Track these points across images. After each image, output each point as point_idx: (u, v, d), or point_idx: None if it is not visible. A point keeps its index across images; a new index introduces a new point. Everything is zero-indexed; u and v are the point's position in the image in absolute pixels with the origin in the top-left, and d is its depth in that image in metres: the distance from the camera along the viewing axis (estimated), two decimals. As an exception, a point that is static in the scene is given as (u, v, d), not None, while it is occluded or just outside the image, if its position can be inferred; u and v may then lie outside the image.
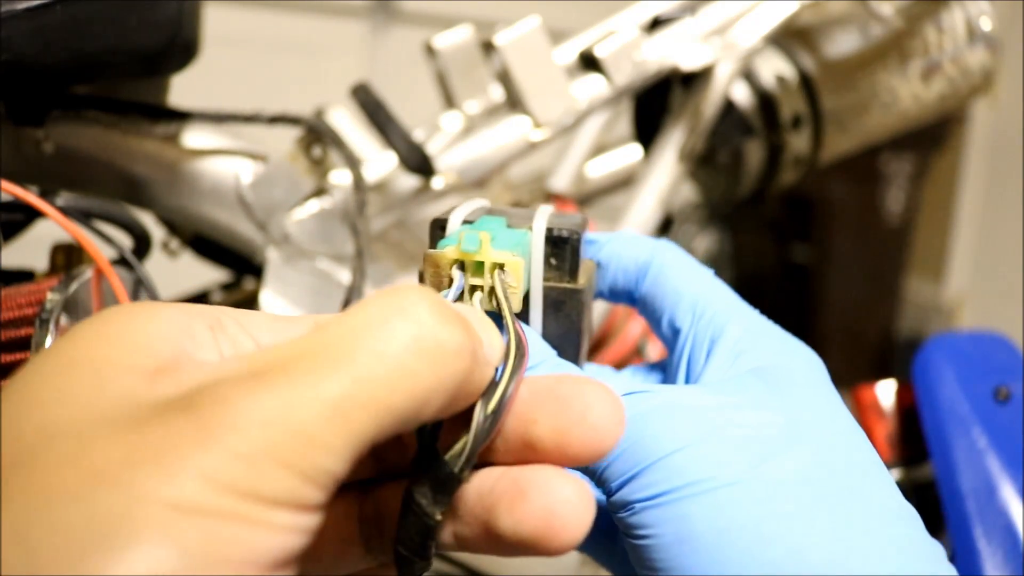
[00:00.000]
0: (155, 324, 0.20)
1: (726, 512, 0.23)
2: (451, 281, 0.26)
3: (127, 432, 0.17)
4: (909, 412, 0.60)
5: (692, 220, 1.25)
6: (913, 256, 1.45)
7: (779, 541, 0.23)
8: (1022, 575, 0.48)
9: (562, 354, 0.28)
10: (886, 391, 0.61)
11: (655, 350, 0.63)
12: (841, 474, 0.25)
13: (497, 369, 0.23)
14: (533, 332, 0.28)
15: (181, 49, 0.49)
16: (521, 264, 0.26)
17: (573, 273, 0.29)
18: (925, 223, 1.49)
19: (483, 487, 0.22)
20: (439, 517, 0.22)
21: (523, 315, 0.29)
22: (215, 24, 0.58)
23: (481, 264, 0.26)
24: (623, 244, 0.33)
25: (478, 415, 0.22)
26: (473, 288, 0.26)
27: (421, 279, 0.27)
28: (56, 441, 0.17)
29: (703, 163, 0.71)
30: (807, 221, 1.31)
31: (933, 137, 1.30)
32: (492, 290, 0.26)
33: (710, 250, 1.33)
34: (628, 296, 0.33)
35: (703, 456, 0.24)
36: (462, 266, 0.26)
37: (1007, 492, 0.50)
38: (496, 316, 0.25)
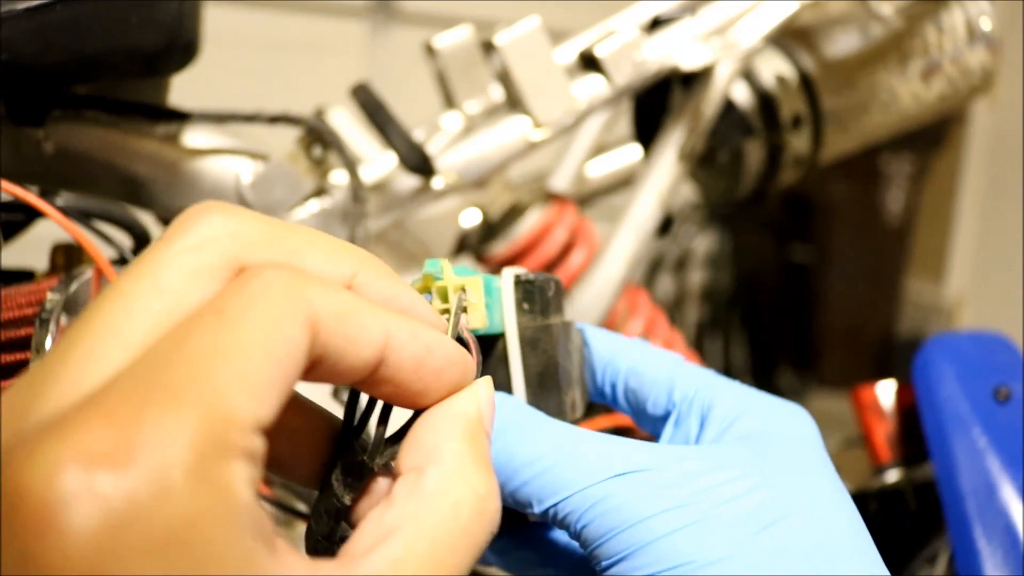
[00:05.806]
0: None
1: None
2: None
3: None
4: (909, 412, 0.60)
5: (692, 220, 1.25)
6: (913, 256, 1.44)
7: None
8: (1022, 575, 0.48)
9: (544, 387, 0.31)
10: (886, 391, 0.61)
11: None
12: (830, 543, 0.26)
13: None
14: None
15: (181, 49, 0.49)
16: (480, 282, 0.29)
17: (545, 313, 0.31)
18: (925, 223, 1.49)
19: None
20: (348, 501, 0.23)
21: (503, 357, 0.31)
22: (215, 24, 0.58)
23: (446, 290, 0.28)
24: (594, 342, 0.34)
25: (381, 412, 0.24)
26: (443, 312, 0.28)
27: None
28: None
29: (703, 163, 0.71)
30: (807, 221, 1.31)
31: (933, 137, 1.30)
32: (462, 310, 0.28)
33: (710, 250, 1.32)
34: (601, 395, 0.34)
35: (695, 535, 0.25)
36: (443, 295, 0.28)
37: (1007, 492, 0.50)
38: (479, 338, 0.28)
